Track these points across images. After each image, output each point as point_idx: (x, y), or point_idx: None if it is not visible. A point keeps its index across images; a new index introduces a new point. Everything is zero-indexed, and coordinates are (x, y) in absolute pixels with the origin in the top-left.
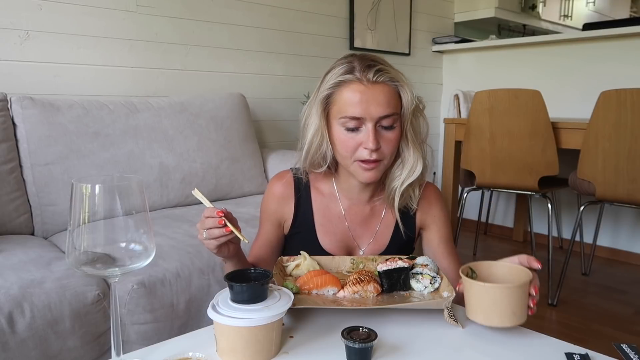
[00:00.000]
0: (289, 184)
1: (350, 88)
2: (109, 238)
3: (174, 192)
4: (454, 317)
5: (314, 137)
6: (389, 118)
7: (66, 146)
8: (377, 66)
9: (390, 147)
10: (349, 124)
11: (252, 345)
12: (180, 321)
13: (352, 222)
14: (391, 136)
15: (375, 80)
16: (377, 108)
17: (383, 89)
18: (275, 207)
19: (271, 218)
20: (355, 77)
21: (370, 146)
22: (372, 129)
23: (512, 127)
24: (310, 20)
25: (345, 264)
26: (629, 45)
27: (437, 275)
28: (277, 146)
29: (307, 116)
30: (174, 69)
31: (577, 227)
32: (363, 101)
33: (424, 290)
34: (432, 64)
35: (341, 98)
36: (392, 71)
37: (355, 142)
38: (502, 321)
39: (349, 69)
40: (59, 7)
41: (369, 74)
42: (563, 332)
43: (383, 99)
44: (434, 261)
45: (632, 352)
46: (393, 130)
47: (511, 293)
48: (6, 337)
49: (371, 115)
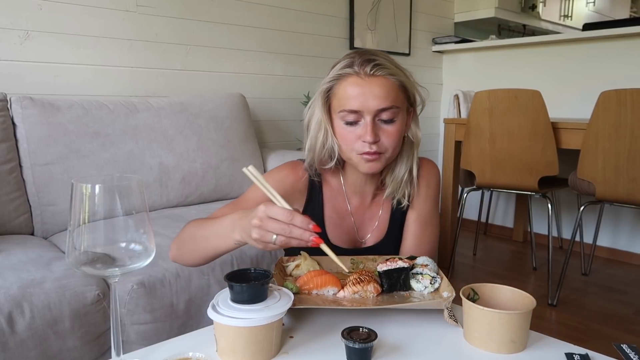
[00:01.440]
0: (302, 181)
1: (348, 81)
2: (109, 238)
3: (174, 192)
4: (454, 317)
5: (318, 133)
6: (388, 111)
7: (66, 146)
8: (376, 60)
9: (391, 140)
10: (347, 117)
11: (252, 345)
12: (180, 321)
13: (357, 216)
14: (391, 129)
15: (372, 73)
16: (374, 101)
17: (381, 81)
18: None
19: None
20: (354, 70)
21: (367, 139)
22: (370, 122)
23: (512, 127)
24: (310, 20)
25: (345, 264)
26: (629, 45)
27: (437, 275)
28: (277, 146)
29: (310, 113)
30: (173, 69)
31: (577, 227)
32: (360, 94)
33: (424, 290)
34: (432, 64)
35: (340, 92)
36: (391, 66)
37: (354, 135)
38: (500, 348)
39: (349, 63)
40: (59, 7)
41: (366, 68)
42: (563, 332)
43: (380, 92)
44: (434, 261)
45: (632, 352)
46: (393, 123)
47: (512, 320)
48: (6, 337)
49: (368, 109)
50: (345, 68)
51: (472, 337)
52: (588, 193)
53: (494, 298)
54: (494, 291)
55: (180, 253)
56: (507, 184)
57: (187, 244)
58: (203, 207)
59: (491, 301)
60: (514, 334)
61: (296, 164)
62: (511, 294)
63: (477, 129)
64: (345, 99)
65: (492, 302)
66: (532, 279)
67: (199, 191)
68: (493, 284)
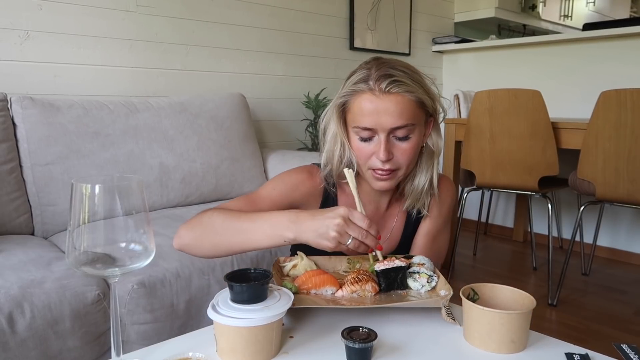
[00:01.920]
0: (318, 188)
1: (362, 98)
2: (109, 238)
3: (174, 192)
4: (451, 315)
5: (334, 146)
6: (403, 129)
7: (66, 146)
8: (393, 77)
9: (405, 157)
10: (361, 133)
11: (252, 345)
12: (180, 321)
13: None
14: (406, 147)
15: (388, 90)
16: (389, 119)
17: (396, 99)
18: (298, 198)
19: (289, 199)
20: (369, 86)
21: (381, 157)
22: (384, 139)
23: (512, 127)
24: (310, 20)
25: (342, 264)
26: (629, 45)
27: (434, 274)
28: (277, 146)
29: (326, 122)
30: (174, 69)
31: (577, 227)
32: (374, 112)
33: (421, 289)
34: (432, 64)
35: (354, 107)
36: (408, 81)
37: (368, 151)
38: (500, 348)
39: (365, 77)
40: (59, 7)
41: (382, 84)
42: (563, 332)
43: (395, 110)
44: (430, 260)
45: (632, 352)
46: (408, 140)
47: (512, 320)
48: (6, 337)
49: (382, 127)
50: (360, 83)
51: (472, 337)
52: (588, 193)
53: (494, 298)
54: (494, 291)
55: (197, 241)
56: (507, 184)
57: (210, 234)
58: (203, 207)
59: (491, 301)
60: (514, 334)
61: (313, 169)
62: (511, 294)
63: (477, 129)
64: (360, 115)
65: (492, 302)
66: (532, 279)
67: (199, 191)
68: (493, 284)
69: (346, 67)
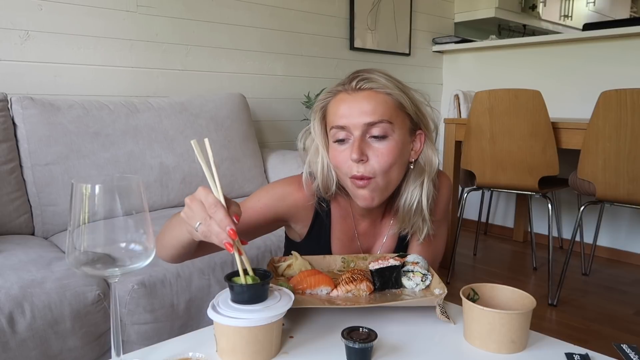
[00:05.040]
0: (309, 200)
1: (336, 98)
2: (109, 238)
3: (174, 192)
4: (445, 313)
5: (317, 158)
6: (378, 126)
7: (66, 146)
8: (363, 75)
9: (382, 161)
10: (338, 135)
11: (252, 345)
12: (180, 321)
13: (364, 238)
14: (383, 148)
15: (359, 87)
16: (361, 115)
17: (369, 94)
18: (285, 209)
19: (273, 211)
20: (343, 87)
21: (353, 156)
22: (357, 138)
23: (512, 127)
24: (310, 20)
25: (336, 263)
26: (629, 45)
27: (428, 272)
28: (277, 146)
29: (305, 138)
30: (174, 69)
31: (577, 227)
32: (347, 110)
33: (415, 287)
34: (432, 64)
35: (330, 109)
36: (382, 81)
37: (344, 155)
38: (500, 348)
39: (341, 82)
40: (59, 7)
41: (353, 82)
42: (563, 332)
43: (368, 105)
44: (424, 259)
45: (632, 352)
46: (385, 140)
47: (512, 320)
48: (6, 337)
49: (354, 124)
50: (336, 87)
51: (472, 337)
52: (588, 193)
53: (494, 298)
54: (494, 291)
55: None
56: (507, 184)
57: (158, 239)
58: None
59: (491, 301)
60: (514, 334)
61: (302, 181)
62: (511, 294)
63: (477, 129)
64: (334, 115)
65: (492, 302)
66: (532, 279)
67: None
68: (493, 284)
69: (346, 67)
